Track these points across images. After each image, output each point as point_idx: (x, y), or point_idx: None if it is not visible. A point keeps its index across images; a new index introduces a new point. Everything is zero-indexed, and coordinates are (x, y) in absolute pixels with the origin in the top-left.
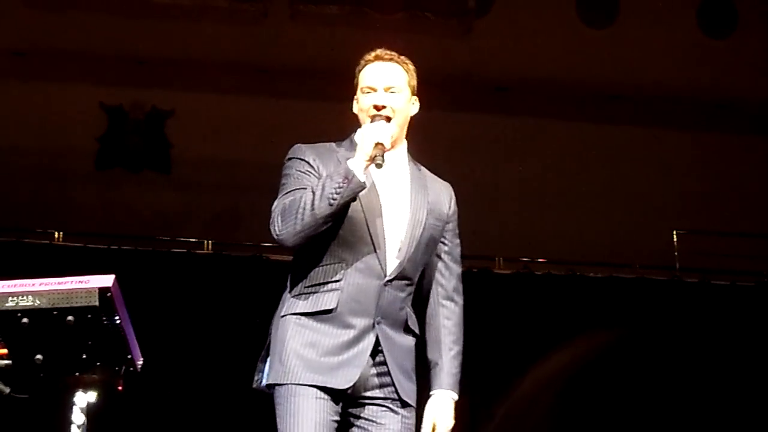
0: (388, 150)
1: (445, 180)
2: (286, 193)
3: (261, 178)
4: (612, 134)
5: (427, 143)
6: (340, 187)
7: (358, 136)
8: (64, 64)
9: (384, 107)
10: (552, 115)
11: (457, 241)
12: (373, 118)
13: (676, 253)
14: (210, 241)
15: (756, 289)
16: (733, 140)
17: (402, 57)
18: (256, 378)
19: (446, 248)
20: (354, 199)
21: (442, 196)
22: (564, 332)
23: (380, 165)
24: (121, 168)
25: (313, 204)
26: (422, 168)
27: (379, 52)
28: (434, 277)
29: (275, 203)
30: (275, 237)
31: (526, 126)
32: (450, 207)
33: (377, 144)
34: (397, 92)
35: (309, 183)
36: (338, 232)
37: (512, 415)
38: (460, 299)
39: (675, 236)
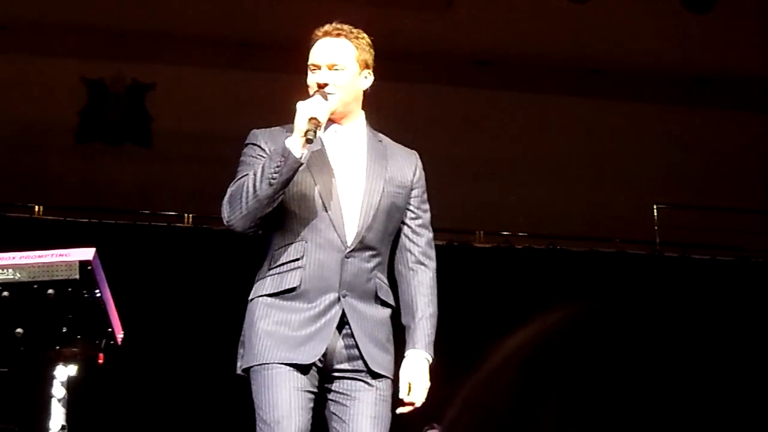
0: (338, 124)
1: (424, 153)
2: (239, 178)
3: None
4: (593, 108)
5: (407, 117)
6: (278, 166)
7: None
8: (45, 37)
9: (326, 85)
10: (533, 89)
11: (426, 206)
12: (313, 95)
13: (656, 228)
14: (190, 215)
15: (736, 263)
16: (714, 115)
17: (355, 30)
18: (238, 364)
19: (412, 215)
20: (293, 176)
21: (405, 163)
22: (544, 306)
23: (311, 140)
24: (102, 141)
25: (254, 187)
26: (384, 138)
27: (327, 27)
28: (403, 244)
29: (228, 191)
30: (225, 224)
31: (507, 100)
32: (415, 174)
33: (311, 119)
34: (341, 69)
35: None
36: (295, 210)
37: (476, 387)
38: (431, 263)
39: (655, 210)
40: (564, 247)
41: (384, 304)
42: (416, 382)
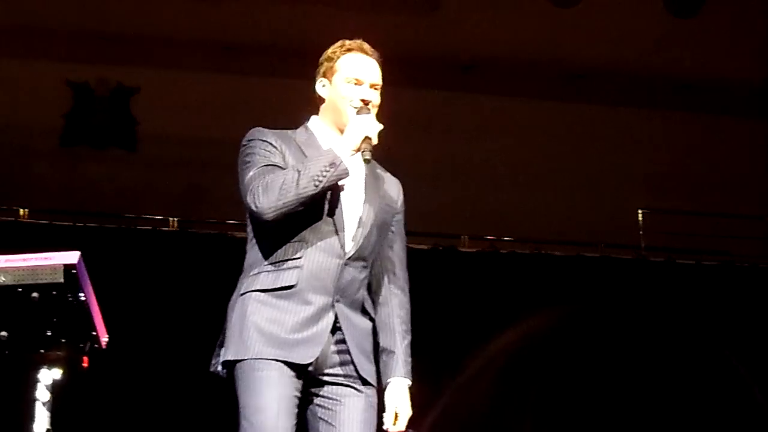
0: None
1: (409, 157)
2: (261, 167)
3: (226, 155)
4: (578, 113)
5: (392, 121)
6: (326, 171)
7: (313, 123)
8: (29, 40)
9: (369, 102)
10: (518, 94)
11: (404, 235)
12: (359, 111)
13: (641, 232)
14: (175, 219)
15: (721, 268)
16: (699, 119)
17: (376, 53)
18: (213, 362)
19: (395, 239)
20: (335, 184)
21: (393, 186)
22: (529, 311)
23: (368, 160)
24: (87, 145)
25: (298, 182)
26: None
27: (362, 44)
28: (385, 266)
29: (250, 176)
30: (253, 209)
31: (493, 104)
32: (399, 199)
33: (366, 138)
34: (378, 90)
35: (277, 161)
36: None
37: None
38: (407, 288)
39: (640, 215)
40: (549, 251)
41: (368, 315)
42: (402, 410)
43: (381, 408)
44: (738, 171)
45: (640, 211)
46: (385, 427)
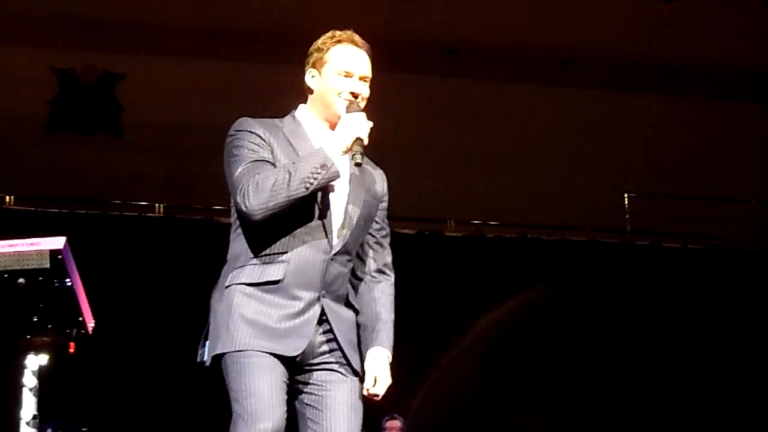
0: (331, 129)
1: (395, 143)
2: (250, 163)
3: (212, 141)
4: (563, 97)
5: (376, 107)
6: (318, 173)
7: (301, 113)
8: (15, 27)
9: (358, 95)
10: (503, 79)
11: (387, 222)
12: (349, 106)
13: (627, 216)
14: (161, 205)
15: (707, 251)
16: (684, 103)
17: (367, 45)
18: (199, 352)
19: (378, 226)
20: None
21: (377, 177)
22: (515, 295)
23: (359, 163)
24: (73, 132)
25: (288, 185)
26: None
27: (352, 35)
28: (367, 253)
29: (239, 173)
30: (242, 209)
31: (477, 89)
32: (383, 188)
33: (357, 138)
34: (367, 82)
35: (266, 155)
36: None
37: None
38: (392, 274)
39: (626, 199)
40: (535, 235)
41: (352, 307)
42: (381, 375)
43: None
44: (724, 155)
45: (626, 195)
46: (365, 391)
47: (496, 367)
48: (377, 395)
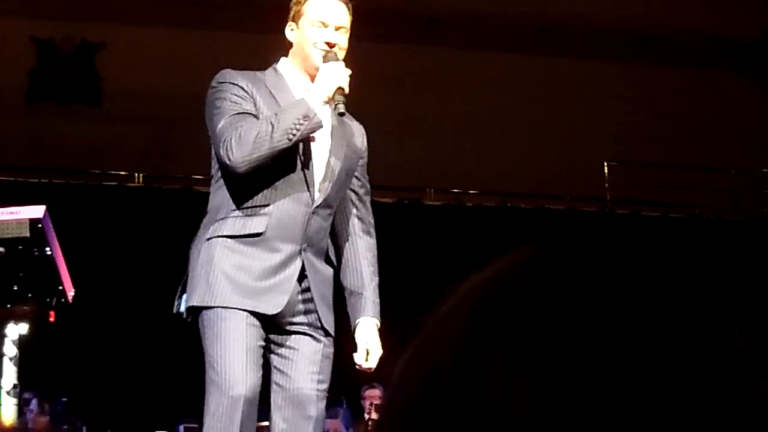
0: (312, 83)
1: (375, 112)
2: (233, 115)
3: (192, 111)
4: (543, 66)
5: (357, 75)
6: (300, 124)
7: (282, 65)
8: None
9: (335, 45)
10: (483, 47)
11: (367, 178)
12: (326, 56)
13: (606, 185)
14: (140, 174)
15: (687, 220)
16: (664, 71)
17: None
18: (176, 303)
19: (359, 183)
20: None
21: (357, 132)
22: (497, 259)
23: (343, 113)
24: (52, 101)
25: (272, 136)
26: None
27: None
28: (350, 210)
29: (222, 125)
30: (226, 161)
31: (458, 58)
32: (363, 143)
33: (339, 88)
34: (344, 33)
35: (248, 108)
36: None
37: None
38: (373, 232)
39: (606, 167)
40: (515, 204)
41: (331, 263)
42: (373, 348)
43: (352, 349)
44: (705, 124)
45: (605, 164)
46: (357, 365)
47: (480, 330)
48: (371, 368)
